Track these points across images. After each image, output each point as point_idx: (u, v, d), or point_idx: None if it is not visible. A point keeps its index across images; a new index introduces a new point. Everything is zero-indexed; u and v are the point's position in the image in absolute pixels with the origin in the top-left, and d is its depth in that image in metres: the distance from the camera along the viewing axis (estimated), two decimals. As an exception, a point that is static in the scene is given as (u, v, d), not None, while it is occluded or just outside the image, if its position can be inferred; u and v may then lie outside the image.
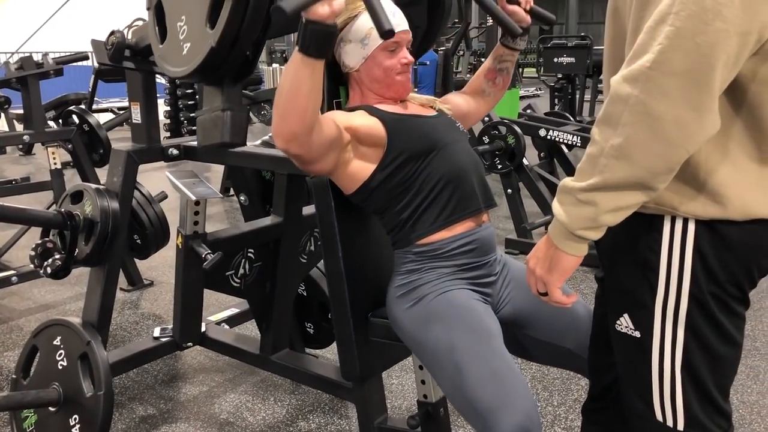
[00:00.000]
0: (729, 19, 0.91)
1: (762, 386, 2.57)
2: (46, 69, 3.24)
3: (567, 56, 7.64)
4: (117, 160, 2.06)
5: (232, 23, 1.35)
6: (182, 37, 1.48)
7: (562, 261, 1.13)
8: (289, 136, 1.35)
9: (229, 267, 1.96)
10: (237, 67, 1.47)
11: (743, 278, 1.10)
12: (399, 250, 1.62)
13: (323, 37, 1.25)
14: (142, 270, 3.80)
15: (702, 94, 0.94)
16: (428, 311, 1.54)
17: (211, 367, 2.74)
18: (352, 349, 1.71)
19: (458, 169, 1.60)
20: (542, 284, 1.19)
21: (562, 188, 1.09)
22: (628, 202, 1.03)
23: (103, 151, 3.41)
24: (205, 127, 1.53)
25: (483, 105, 1.86)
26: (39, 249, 1.97)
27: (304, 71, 1.28)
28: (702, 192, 1.06)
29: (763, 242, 1.10)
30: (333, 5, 1.21)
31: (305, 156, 1.42)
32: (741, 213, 1.06)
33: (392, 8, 1.61)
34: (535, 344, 1.66)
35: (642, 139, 0.97)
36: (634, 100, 0.97)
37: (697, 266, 1.08)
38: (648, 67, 0.95)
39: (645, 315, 1.15)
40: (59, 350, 2.03)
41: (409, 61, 1.63)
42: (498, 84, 1.84)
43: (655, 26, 0.96)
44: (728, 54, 0.93)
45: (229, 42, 1.38)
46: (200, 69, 1.43)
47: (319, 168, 1.50)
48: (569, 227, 1.08)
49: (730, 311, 1.11)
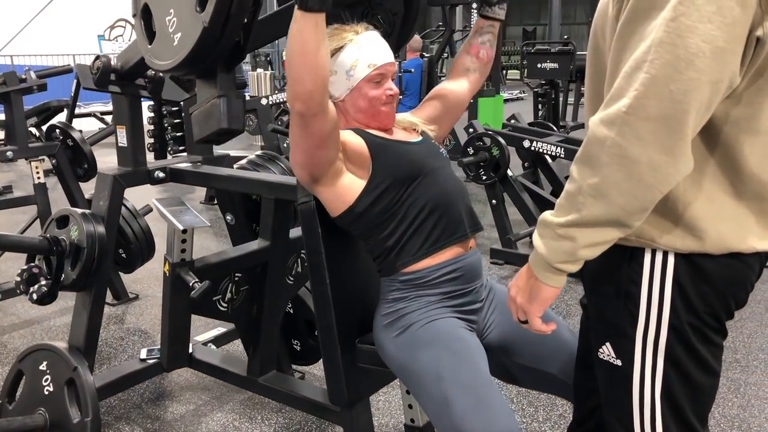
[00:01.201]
0: (701, 69, 0.95)
1: (743, 399, 2.62)
2: (29, 84, 3.23)
3: (550, 62, 7.71)
4: (103, 183, 2.06)
5: (223, 1, 1.36)
6: (172, 29, 1.49)
7: (542, 291, 1.17)
8: (307, 95, 1.38)
9: (216, 292, 1.96)
10: (229, 51, 1.48)
11: (721, 309, 1.14)
12: (385, 278, 1.64)
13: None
14: (127, 283, 3.78)
15: (675, 138, 0.98)
16: (415, 340, 1.56)
17: (197, 384, 2.74)
18: (339, 375, 1.73)
19: (443, 196, 1.61)
20: (523, 312, 1.23)
21: (542, 222, 1.13)
22: (605, 238, 1.08)
23: (87, 165, 3.39)
24: (200, 120, 1.52)
25: (471, 83, 1.86)
26: (25, 275, 1.96)
27: (308, 27, 1.31)
28: (680, 226, 1.11)
29: (740, 275, 1.14)
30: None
31: (319, 120, 1.44)
32: (718, 247, 1.10)
33: (379, 41, 1.63)
34: (520, 369, 1.68)
35: (618, 179, 1.02)
36: (611, 142, 1.01)
37: (676, 298, 1.12)
38: (624, 111, 0.99)
39: (626, 344, 1.18)
40: (45, 375, 2.02)
41: (394, 93, 1.65)
42: (482, 58, 1.85)
43: (631, 72, 1.00)
44: (701, 101, 0.97)
45: (221, 21, 1.39)
46: (193, 54, 1.43)
47: (323, 154, 1.50)
48: (548, 260, 1.12)
49: (708, 341, 1.15)
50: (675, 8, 0.96)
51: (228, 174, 2.07)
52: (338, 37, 1.60)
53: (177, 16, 1.49)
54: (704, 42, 0.95)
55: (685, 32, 0.95)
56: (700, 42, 0.95)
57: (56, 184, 3.60)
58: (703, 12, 0.94)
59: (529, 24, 26.90)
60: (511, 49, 18.76)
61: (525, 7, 29.18)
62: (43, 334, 3.27)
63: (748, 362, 2.91)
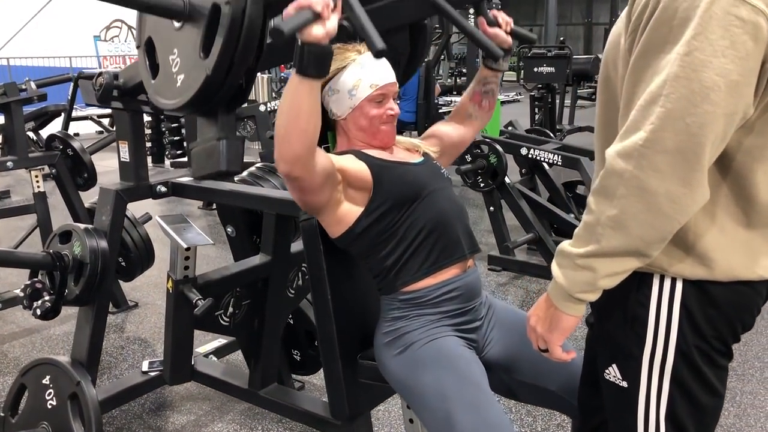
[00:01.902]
0: (716, 102, 0.98)
1: (739, 409, 2.64)
2: (29, 95, 3.23)
3: (547, 66, 7.74)
4: (105, 199, 2.08)
5: (226, 50, 1.37)
6: (175, 70, 1.50)
7: (561, 321, 1.20)
8: (292, 158, 1.38)
9: (218, 307, 1.98)
10: (231, 95, 1.49)
11: (727, 334, 1.17)
12: (385, 296, 1.66)
13: (320, 57, 1.28)
14: (126, 291, 3.80)
15: (692, 170, 1.01)
16: (416, 359, 1.58)
17: (198, 394, 2.76)
18: (340, 389, 1.75)
19: (442, 217, 1.63)
20: (543, 341, 1.25)
21: (560, 252, 1.15)
22: (624, 268, 1.10)
23: (87, 174, 3.41)
24: (200, 158, 1.54)
25: (471, 129, 1.89)
26: (28, 290, 1.98)
27: (303, 92, 1.32)
28: (690, 254, 1.13)
29: (747, 301, 1.17)
30: (327, 27, 1.25)
31: (306, 180, 1.44)
32: (726, 275, 1.12)
33: (381, 61, 1.65)
34: (520, 385, 1.70)
35: (636, 211, 1.04)
36: (629, 175, 1.03)
37: (684, 322, 1.14)
38: (641, 144, 1.01)
39: (632, 366, 1.20)
40: (48, 389, 2.04)
41: (396, 113, 1.67)
42: (484, 107, 1.87)
43: (647, 105, 1.02)
44: (716, 133, 1.00)
45: (224, 69, 1.39)
46: (195, 99, 1.44)
47: (316, 200, 1.52)
48: (568, 290, 1.14)
49: (714, 364, 1.17)
50: (689, 43, 0.98)
51: (230, 189, 2.08)
52: (341, 57, 1.62)
53: (180, 56, 1.50)
54: (719, 76, 0.97)
55: (699, 66, 0.97)
56: (714, 76, 0.97)
57: (54, 188, 3.60)
58: (717, 46, 0.97)
59: (525, 25, 26.92)
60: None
61: (521, 7, 29.19)
62: (43, 343, 3.28)
63: (744, 371, 2.94)
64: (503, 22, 1.73)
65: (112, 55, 13.77)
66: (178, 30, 1.48)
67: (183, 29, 1.47)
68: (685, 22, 0.99)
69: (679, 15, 1.00)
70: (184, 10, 1.44)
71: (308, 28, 1.24)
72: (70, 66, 13.00)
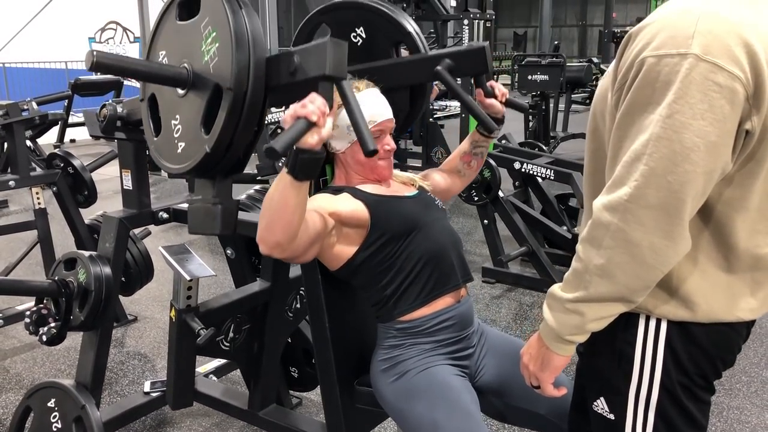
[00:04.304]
0: (696, 162, 1.05)
1: (725, 423, 2.71)
2: (31, 115, 3.29)
3: (541, 74, 7.82)
4: (109, 226, 2.13)
5: (227, 130, 1.41)
6: (176, 136, 1.53)
7: (553, 360, 1.27)
8: (273, 245, 1.41)
9: (219, 333, 2.04)
10: (229, 167, 1.53)
11: (709, 371, 1.24)
12: (382, 324, 1.72)
13: (312, 164, 1.31)
14: (126, 304, 3.84)
15: (674, 224, 1.08)
16: (411, 387, 1.64)
17: (198, 411, 2.81)
18: (338, 414, 1.81)
19: (438, 248, 1.70)
20: (535, 379, 1.33)
21: (551, 295, 1.23)
22: (611, 312, 1.17)
23: (87, 192, 3.46)
24: (198, 216, 1.59)
25: (458, 183, 1.98)
26: (34, 316, 2.03)
27: (291, 191, 1.34)
28: (674, 297, 1.20)
29: (728, 341, 1.24)
30: (321, 134, 1.28)
31: (289, 257, 1.48)
32: (708, 317, 1.19)
33: (379, 98, 1.72)
34: (511, 409, 1.77)
35: (621, 261, 1.11)
36: (615, 227, 1.10)
37: (668, 360, 1.21)
38: (626, 199, 1.09)
39: (619, 400, 1.27)
40: (54, 412, 2.10)
41: (392, 149, 1.74)
42: (473, 167, 1.97)
43: (631, 162, 1.09)
44: (696, 190, 1.07)
45: (224, 147, 1.44)
46: (195, 169, 1.49)
47: (303, 260, 1.57)
48: (558, 332, 1.22)
49: (696, 399, 1.24)
50: (670, 106, 1.05)
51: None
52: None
53: (182, 124, 1.52)
54: (698, 137, 1.04)
55: (680, 128, 1.04)
56: (694, 137, 1.04)
57: (51, 197, 3.64)
58: (696, 110, 1.03)
59: (519, 27, 27.03)
60: (502, 54, 18.87)
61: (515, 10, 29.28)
62: (45, 358, 3.33)
63: (731, 385, 3.01)
64: (499, 93, 1.80)
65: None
66: (181, 97, 1.51)
67: (186, 97, 1.50)
68: (667, 85, 1.05)
69: (661, 78, 1.06)
70: (188, 80, 1.47)
71: (302, 137, 1.25)
72: (65, 69, 13.02)
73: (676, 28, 1.07)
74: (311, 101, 1.26)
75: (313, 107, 1.25)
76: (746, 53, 1.03)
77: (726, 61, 1.03)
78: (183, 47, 1.51)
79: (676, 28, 1.07)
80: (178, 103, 1.53)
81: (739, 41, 1.04)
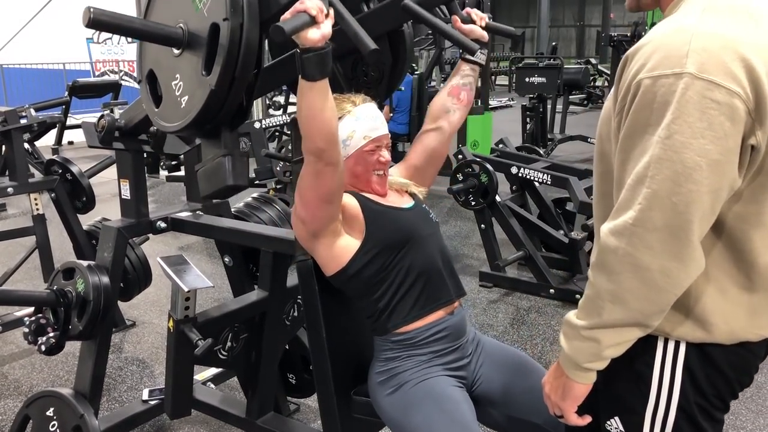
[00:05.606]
0: (699, 181, 1.03)
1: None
2: (29, 122, 3.30)
3: (538, 76, 7.84)
4: (107, 236, 2.14)
5: (228, 64, 1.45)
6: (178, 93, 1.58)
7: (573, 389, 1.25)
8: (317, 151, 1.47)
9: (217, 343, 2.05)
10: (233, 112, 1.56)
11: (726, 392, 1.23)
12: (378, 337, 1.74)
13: (320, 60, 1.35)
14: (123, 309, 3.85)
15: (682, 246, 1.06)
16: (408, 399, 1.66)
17: (195, 418, 2.82)
18: (335, 424, 1.82)
19: (430, 262, 1.72)
20: (558, 409, 1.31)
21: (566, 323, 1.22)
22: (627, 338, 1.16)
23: (85, 198, 3.48)
24: (208, 176, 1.60)
25: (449, 126, 1.91)
26: (33, 326, 2.04)
27: (312, 93, 1.40)
28: (689, 318, 1.18)
29: (746, 363, 1.23)
30: (323, 29, 1.33)
31: (332, 158, 1.50)
32: (727, 337, 1.18)
33: (375, 113, 1.73)
34: (508, 419, 1.78)
35: (632, 286, 1.10)
36: (623, 252, 1.09)
37: (686, 381, 1.20)
38: (631, 223, 1.08)
39: (635, 421, 1.26)
40: (52, 421, 2.11)
41: (387, 161, 1.75)
42: (463, 99, 1.91)
43: (634, 185, 1.08)
44: (703, 209, 1.06)
45: (227, 84, 1.47)
46: (200, 116, 1.51)
47: (322, 211, 1.58)
48: (576, 361, 1.20)
49: (712, 419, 1.23)
50: (669, 127, 1.03)
51: (228, 226, 2.16)
52: (337, 108, 1.69)
53: (183, 80, 1.58)
54: (699, 156, 1.02)
55: (680, 149, 1.03)
56: (695, 156, 1.02)
57: (49, 201, 3.65)
58: (695, 128, 1.02)
59: (517, 27, 27.05)
60: (500, 55, 18.87)
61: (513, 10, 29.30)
62: (43, 364, 3.34)
63: (726, 391, 3.02)
64: (477, 17, 1.79)
65: (105, 60, 13.76)
66: (178, 57, 1.57)
67: (183, 55, 1.56)
68: (664, 106, 1.04)
69: (658, 99, 1.05)
70: (183, 38, 1.54)
71: (305, 32, 1.32)
72: (63, 69, 13.03)
73: (670, 47, 1.06)
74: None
75: (311, 3, 1.31)
76: (744, 68, 1.03)
77: (723, 78, 1.02)
78: (176, 9, 1.57)
79: (671, 47, 1.06)
80: (176, 63, 1.58)
81: (735, 57, 1.03)
